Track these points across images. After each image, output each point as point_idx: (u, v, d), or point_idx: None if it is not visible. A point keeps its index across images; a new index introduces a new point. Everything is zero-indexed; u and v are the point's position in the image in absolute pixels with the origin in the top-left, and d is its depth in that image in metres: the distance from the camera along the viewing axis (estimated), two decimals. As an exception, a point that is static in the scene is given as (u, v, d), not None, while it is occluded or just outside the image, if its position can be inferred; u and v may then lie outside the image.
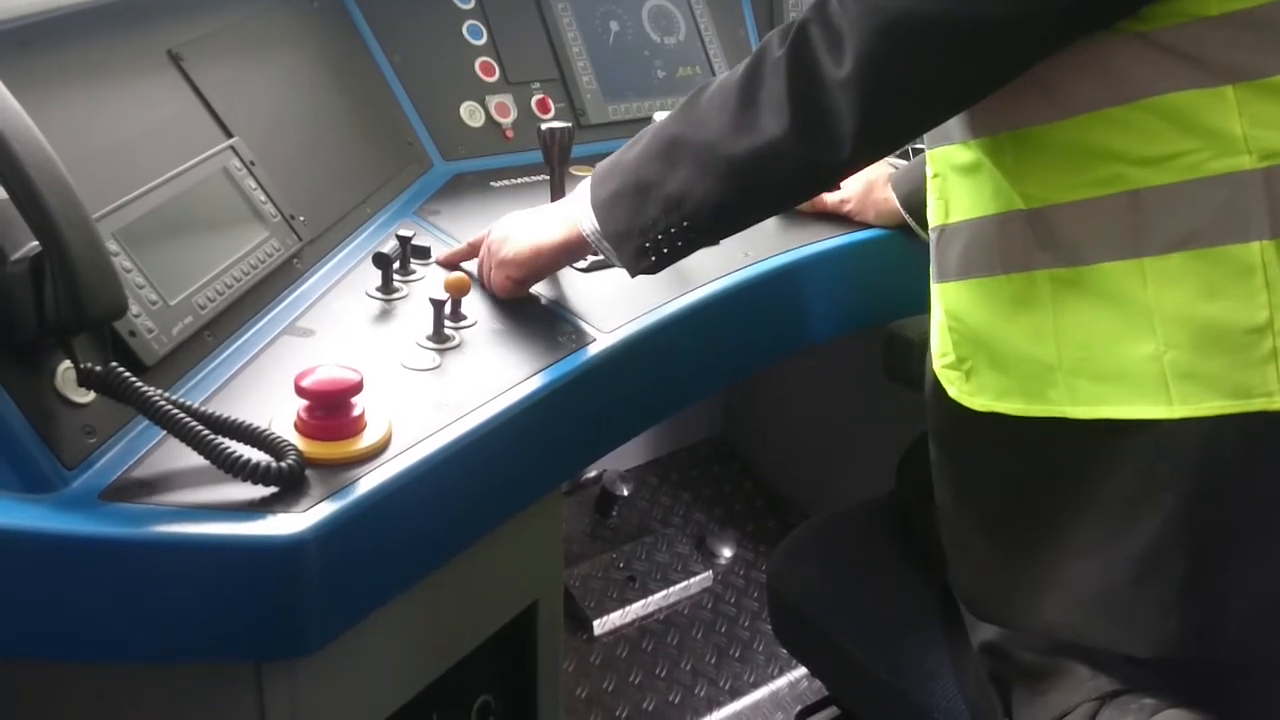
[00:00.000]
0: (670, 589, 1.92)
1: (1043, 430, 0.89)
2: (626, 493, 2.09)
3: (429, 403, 0.96)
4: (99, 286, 0.81)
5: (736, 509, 2.17)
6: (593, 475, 2.11)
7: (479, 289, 1.17)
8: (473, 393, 0.98)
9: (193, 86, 1.16)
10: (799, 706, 1.70)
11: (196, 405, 0.86)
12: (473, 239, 1.21)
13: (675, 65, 1.74)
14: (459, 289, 1.08)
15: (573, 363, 1.06)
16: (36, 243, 0.80)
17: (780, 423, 2.20)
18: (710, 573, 1.98)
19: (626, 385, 1.13)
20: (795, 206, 1.37)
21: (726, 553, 2.04)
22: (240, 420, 0.86)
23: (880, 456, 1.36)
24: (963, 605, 1.02)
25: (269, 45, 1.33)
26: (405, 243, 1.20)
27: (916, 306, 1.13)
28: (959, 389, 0.95)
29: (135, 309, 0.93)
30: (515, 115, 1.57)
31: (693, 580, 1.95)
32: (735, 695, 1.77)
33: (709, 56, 1.77)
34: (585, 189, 1.05)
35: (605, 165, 1.04)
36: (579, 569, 1.93)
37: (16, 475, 0.80)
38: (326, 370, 0.88)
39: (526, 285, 1.15)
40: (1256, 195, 0.78)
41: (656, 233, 0.98)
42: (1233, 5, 0.77)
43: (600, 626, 1.85)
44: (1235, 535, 0.82)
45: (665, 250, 1.00)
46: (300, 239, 1.17)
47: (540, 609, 1.15)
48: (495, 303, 1.15)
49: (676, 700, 1.75)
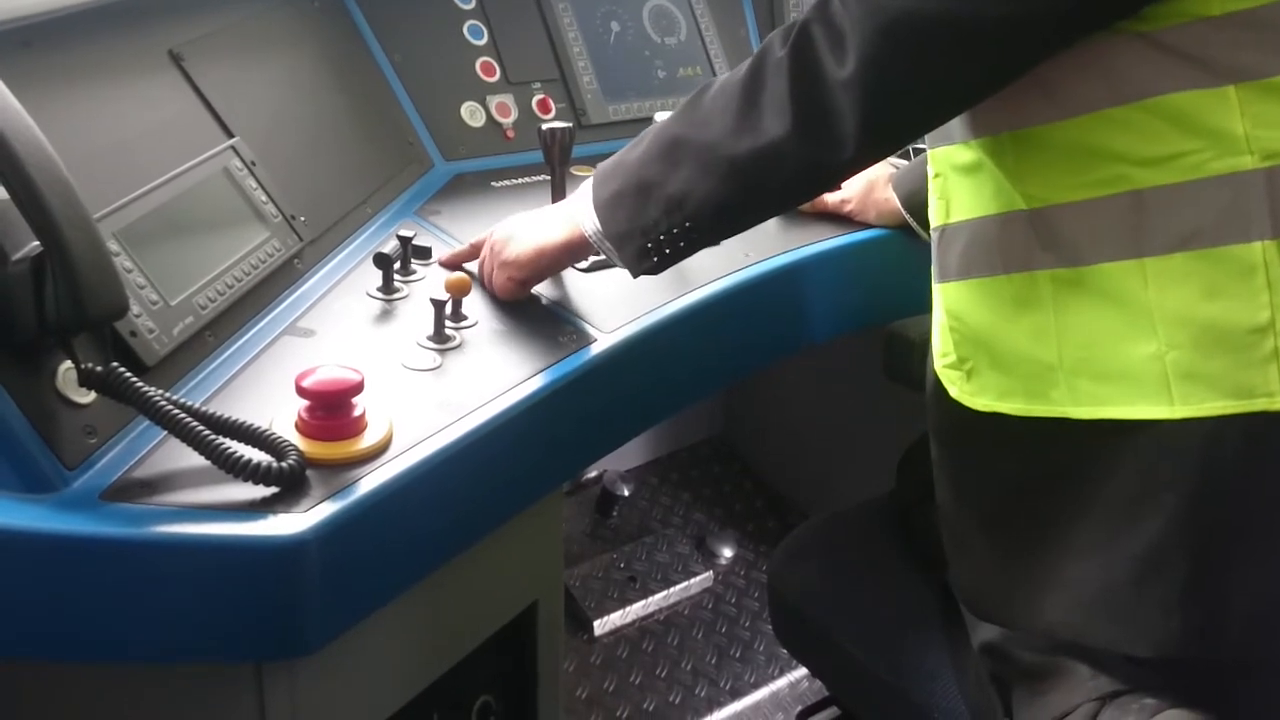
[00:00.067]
0: (671, 589, 1.92)
1: (1044, 430, 0.89)
2: (627, 493, 2.09)
3: (430, 403, 0.96)
4: (100, 287, 0.81)
5: (736, 509, 2.17)
6: (593, 475, 2.11)
7: (479, 289, 1.17)
8: (473, 393, 0.98)
9: (193, 86, 1.16)
10: (799, 707, 1.70)
11: (197, 405, 0.86)
12: (475, 240, 1.21)
13: (676, 65, 1.74)
14: (460, 289, 1.08)
15: (573, 363, 1.06)
16: (37, 243, 0.80)
17: (780, 423, 2.20)
18: (710, 573, 1.98)
19: (627, 385, 1.13)
20: (798, 207, 1.37)
21: (727, 553, 2.04)
22: (241, 420, 0.86)
23: (880, 456, 1.36)
24: (963, 605, 1.02)
25: (270, 45, 1.33)
26: (406, 243, 1.20)
27: (917, 306, 1.13)
28: (960, 389, 0.95)
29: (136, 309, 0.93)
30: (516, 115, 1.57)
31: (693, 580, 1.95)
32: (736, 695, 1.77)
33: (709, 57, 1.77)
34: (587, 189, 1.05)
35: (607, 165, 1.04)
36: (579, 569, 1.93)
37: (17, 475, 0.80)
38: (327, 370, 0.88)
39: (528, 286, 1.15)
40: (1258, 195, 0.78)
41: (658, 233, 0.98)
42: (1234, 5, 0.77)
43: (600, 627, 1.85)
44: (1237, 535, 0.82)
45: (667, 251, 1.00)
46: (301, 239, 1.17)
47: (540, 609, 1.15)
48: (496, 303, 1.15)
49: (677, 700, 1.75)
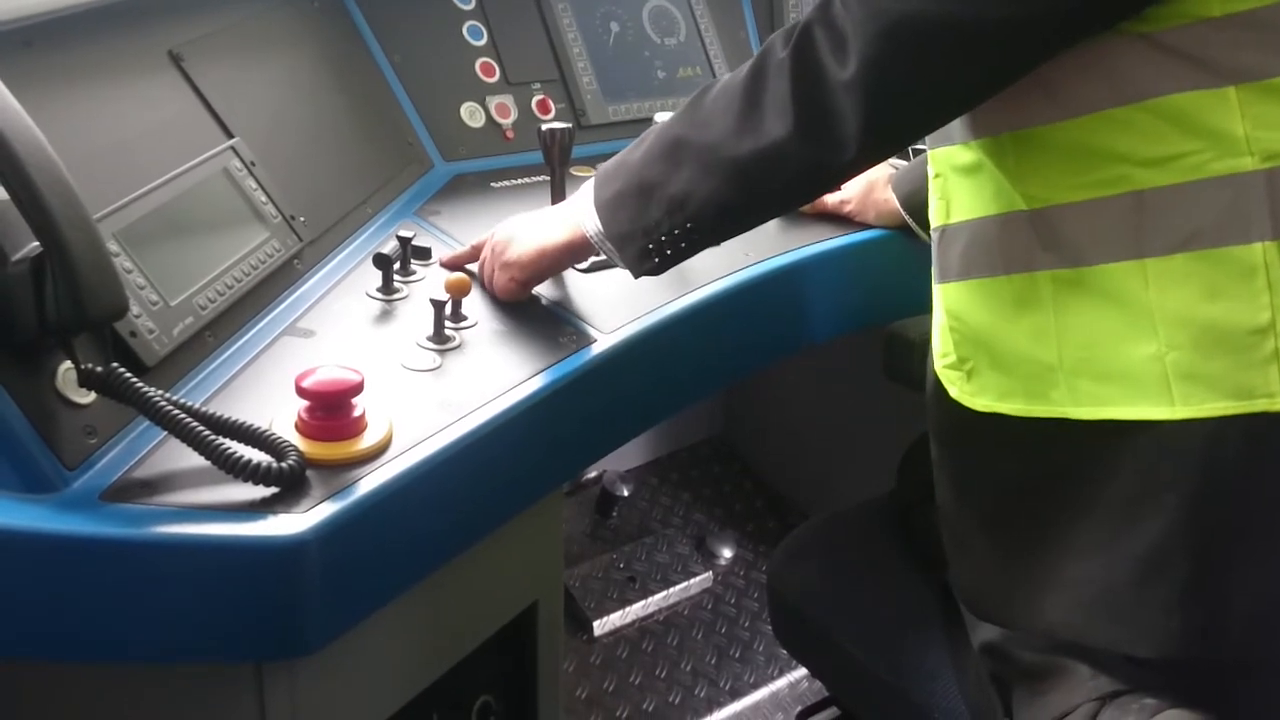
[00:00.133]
0: (670, 589, 1.92)
1: (1044, 431, 0.89)
2: (627, 493, 2.09)
3: (430, 403, 0.96)
4: (100, 287, 0.80)
5: (736, 509, 2.17)
6: (593, 476, 2.11)
7: (479, 290, 1.17)
8: (473, 393, 0.98)
9: (193, 87, 1.16)
10: (799, 707, 1.70)
11: (197, 406, 0.86)
12: (476, 242, 1.21)
13: (675, 66, 1.74)
14: (459, 290, 1.08)
15: (573, 363, 1.05)
16: (37, 243, 0.80)
17: (780, 423, 2.20)
18: (710, 573, 1.98)
19: (627, 385, 1.13)
20: (799, 208, 1.37)
21: (726, 553, 2.04)
22: (241, 421, 0.86)
23: (880, 456, 1.36)
24: (963, 605, 1.02)
25: (269, 45, 1.33)
26: (406, 243, 1.20)
27: (916, 307, 1.13)
28: (960, 389, 0.95)
29: (136, 309, 0.93)
30: (516, 116, 1.57)
31: (693, 581, 1.95)
32: (735, 696, 1.77)
33: (709, 57, 1.77)
34: (588, 190, 1.05)
35: (608, 166, 1.04)
36: (579, 569, 1.93)
37: (17, 475, 0.80)
38: (327, 371, 0.88)
39: (529, 287, 1.15)
40: (1259, 196, 0.78)
41: (660, 234, 0.98)
42: (1235, 6, 0.77)
43: (600, 627, 1.85)
44: (1239, 536, 0.82)
45: (669, 251, 1.00)
46: (301, 239, 1.17)
47: (540, 609, 1.15)
48: (495, 303, 1.15)
49: (677, 701, 1.75)
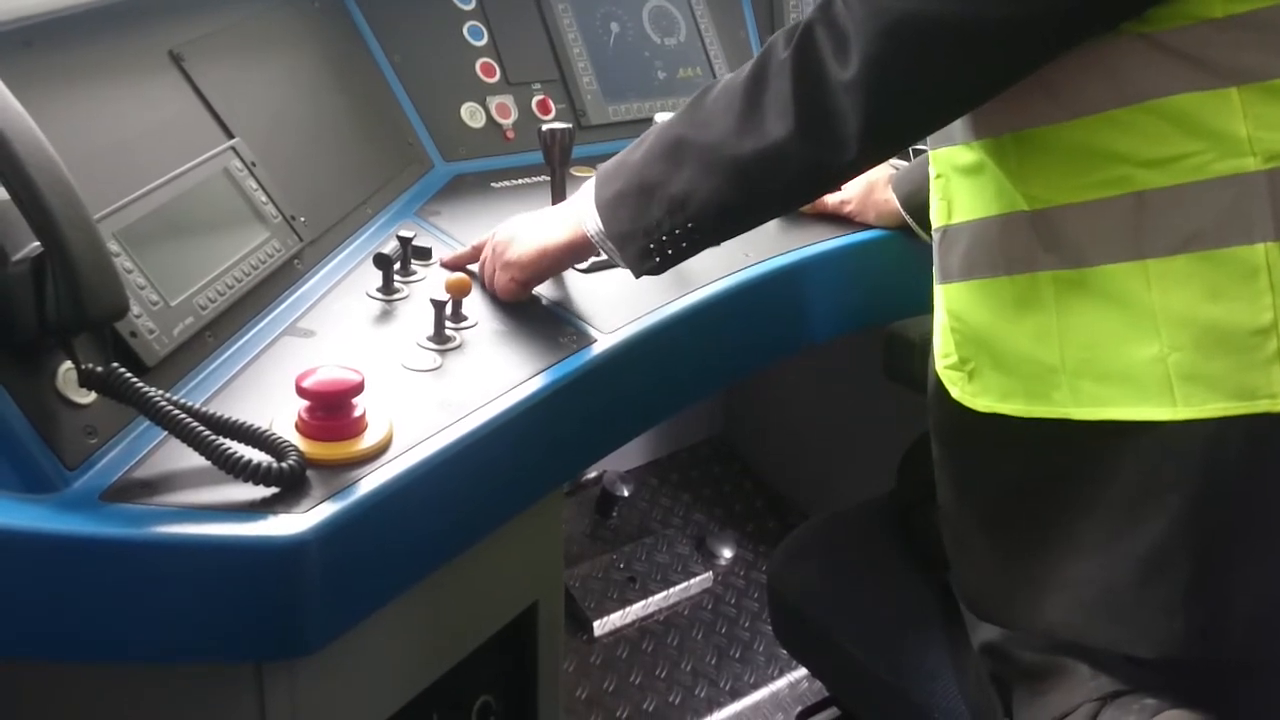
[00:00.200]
0: (670, 590, 1.92)
1: (1046, 431, 0.89)
2: (627, 493, 2.09)
3: (430, 403, 0.96)
4: (100, 287, 0.80)
5: (736, 509, 2.17)
6: (593, 476, 2.11)
7: (479, 290, 1.17)
8: (474, 393, 0.98)
9: (194, 87, 1.16)
10: (799, 707, 1.70)
11: (197, 406, 0.86)
12: (476, 242, 1.21)
13: (676, 66, 1.74)
14: (460, 290, 1.08)
15: (574, 363, 1.05)
16: (38, 243, 0.80)
17: (780, 423, 2.20)
18: (710, 573, 1.98)
19: (627, 386, 1.13)
20: (800, 208, 1.37)
21: (726, 553, 2.04)
22: (241, 421, 0.86)
23: (880, 456, 1.36)
24: (964, 605, 1.02)
25: (270, 46, 1.33)
26: (406, 243, 1.20)
27: (916, 307, 1.13)
28: (962, 390, 0.95)
29: (136, 310, 0.93)
30: (516, 116, 1.57)
31: (693, 581, 1.95)
32: (735, 696, 1.77)
33: (709, 58, 1.77)
34: (589, 190, 1.05)
35: (609, 166, 1.04)
36: (579, 569, 1.93)
37: (18, 475, 0.80)
38: (327, 371, 0.88)
39: (530, 287, 1.15)
40: (1261, 197, 0.78)
41: (661, 233, 0.98)
42: (1237, 7, 0.77)
43: (600, 627, 1.85)
44: (1240, 536, 0.82)
45: (670, 251, 1.00)
46: (301, 240, 1.17)
47: (541, 609, 1.15)
48: (496, 304, 1.15)
49: (677, 701, 1.75)
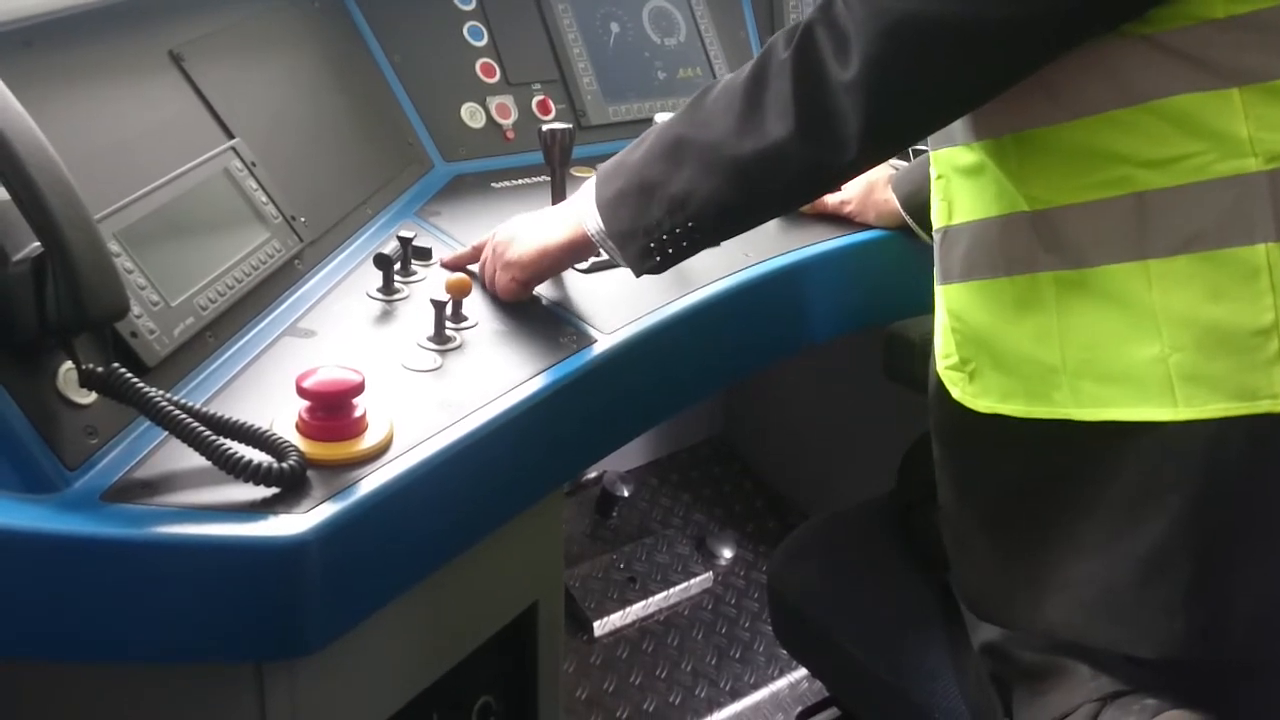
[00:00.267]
0: (670, 590, 1.92)
1: (1046, 432, 0.89)
2: (627, 493, 2.09)
3: (430, 403, 0.96)
4: (100, 287, 0.80)
5: (736, 509, 2.17)
6: (593, 476, 2.11)
7: (480, 290, 1.17)
8: (474, 393, 0.98)
9: (194, 87, 1.16)
10: (799, 707, 1.70)
11: (198, 406, 0.86)
12: (476, 243, 1.21)
13: (676, 67, 1.74)
14: (460, 290, 1.08)
15: (574, 363, 1.05)
16: (38, 243, 0.80)
17: (780, 423, 2.20)
18: (710, 574, 1.98)
19: (627, 386, 1.13)
20: (800, 208, 1.37)
21: (726, 553, 2.04)
22: (242, 421, 0.86)
23: (880, 456, 1.36)
24: (964, 605, 1.02)
25: (270, 46, 1.33)
26: (406, 244, 1.20)
27: (916, 307, 1.13)
28: (962, 390, 0.95)
29: (137, 310, 0.93)
30: (516, 116, 1.57)
31: (693, 581, 1.95)
32: (735, 696, 1.77)
33: (709, 58, 1.77)
34: (589, 189, 1.05)
35: (610, 165, 1.04)
36: (579, 570, 1.93)
37: (18, 475, 0.80)
38: (328, 371, 0.88)
39: (531, 287, 1.15)
40: (1262, 197, 0.78)
41: (661, 233, 0.98)
42: (1239, 8, 0.77)
43: (600, 627, 1.85)
44: (1241, 537, 0.82)
45: (670, 250, 1.00)
46: (301, 240, 1.17)
47: (541, 610, 1.15)
48: (496, 304, 1.15)
49: (677, 701, 1.75)
